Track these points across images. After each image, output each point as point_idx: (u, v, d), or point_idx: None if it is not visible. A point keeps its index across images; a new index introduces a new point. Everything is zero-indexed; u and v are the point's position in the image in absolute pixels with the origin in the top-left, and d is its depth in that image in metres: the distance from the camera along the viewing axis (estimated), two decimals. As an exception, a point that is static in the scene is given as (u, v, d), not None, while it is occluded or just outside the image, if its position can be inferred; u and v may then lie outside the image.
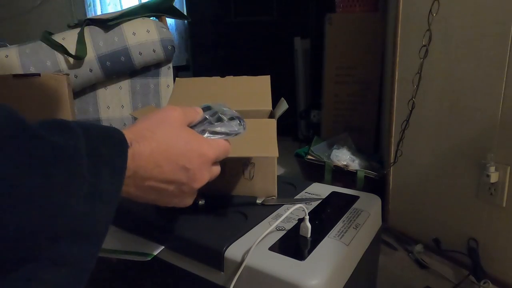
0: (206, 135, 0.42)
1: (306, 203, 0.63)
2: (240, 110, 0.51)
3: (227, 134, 0.43)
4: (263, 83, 0.71)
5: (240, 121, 0.45)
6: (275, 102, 0.67)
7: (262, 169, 0.63)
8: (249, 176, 0.64)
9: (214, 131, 0.42)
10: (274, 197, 0.64)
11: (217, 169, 0.42)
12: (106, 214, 0.29)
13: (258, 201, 0.61)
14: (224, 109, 0.45)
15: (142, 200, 0.36)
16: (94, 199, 0.27)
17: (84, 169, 0.27)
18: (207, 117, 0.43)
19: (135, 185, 0.34)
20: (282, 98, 0.64)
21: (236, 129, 0.44)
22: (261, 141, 0.57)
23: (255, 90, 0.69)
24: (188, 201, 0.41)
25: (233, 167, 0.64)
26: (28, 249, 0.24)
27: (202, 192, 0.61)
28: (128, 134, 0.32)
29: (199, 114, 0.42)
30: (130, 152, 0.31)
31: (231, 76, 0.72)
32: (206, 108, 0.44)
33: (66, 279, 0.26)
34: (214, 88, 0.71)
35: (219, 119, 0.43)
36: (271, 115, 0.65)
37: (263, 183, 0.64)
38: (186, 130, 0.39)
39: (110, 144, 0.30)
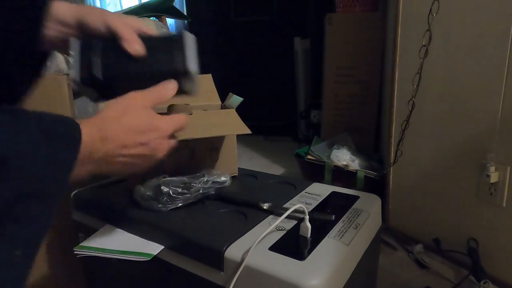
0: None
1: (308, 207, 0.63)
2: (193, 105, 0.65)
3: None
4: (207, 81, 0.79)
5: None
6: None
7: (225, 152, 0.75)
8: (214, 159, 0.75)
9: None
10: (273, 203, 0.64)
11: (173, 142, 0.49)
12: (61, 179, 0.34)
13: (263, 205, 0.61)
14: None
15: (114, 173, 0.44)
16: (49, 166, 0.32)
17: (35, 139, 0.32)
18: None
19: (107, 163, 0.41)
20: (231, 93, 0.74)
21: None
22: (230, 122, 0.67)
23: (202, 87, 0.76)
24: (150, 164, 0.48)
25: (201, 151, 0.72)
26: None
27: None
28: (96, 120, 0.40)
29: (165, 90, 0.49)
30: (97, 136, 0.38)
31: None
32: None
33: (28, 236, 0.32)
34: None
35: None
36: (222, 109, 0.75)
37: (226, 163, 0.75)
38: (146, 111, 0.45)
39: (65, 125, 0.36)
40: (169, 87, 0.48)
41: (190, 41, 0.52)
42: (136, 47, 0.47)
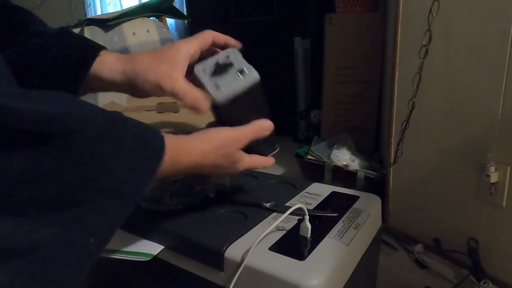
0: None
1: (310, 212, 0.63)
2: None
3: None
4: None
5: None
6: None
7: None
8: None
9: None
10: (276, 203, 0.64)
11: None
12: (139, 185, 0.37)
13: (266, 204, 0.61)
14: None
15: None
16: (131, 169, 0.35)
17: (127, 144, 0.34)
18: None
19: (192, 170, 0.46)
20: None
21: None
22: None
23: None
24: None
25: None
26: (80, 193, 0.31)
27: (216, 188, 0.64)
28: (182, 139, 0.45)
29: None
30: (184, 149, 0.44)
31: None
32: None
33: (103, 228, 0.34)
34: None
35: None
36: None
37: None
38: (233, 152, 0.50)
39: (152, 134, 0.39)
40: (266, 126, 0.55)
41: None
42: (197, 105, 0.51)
